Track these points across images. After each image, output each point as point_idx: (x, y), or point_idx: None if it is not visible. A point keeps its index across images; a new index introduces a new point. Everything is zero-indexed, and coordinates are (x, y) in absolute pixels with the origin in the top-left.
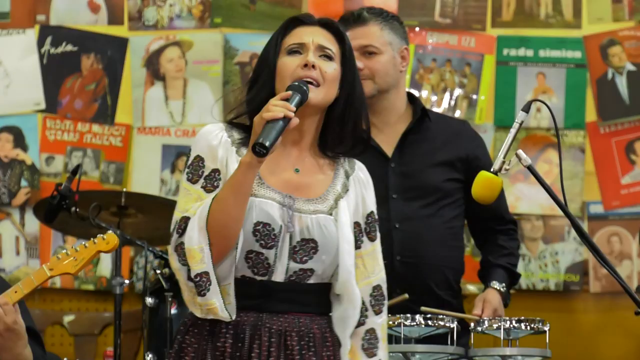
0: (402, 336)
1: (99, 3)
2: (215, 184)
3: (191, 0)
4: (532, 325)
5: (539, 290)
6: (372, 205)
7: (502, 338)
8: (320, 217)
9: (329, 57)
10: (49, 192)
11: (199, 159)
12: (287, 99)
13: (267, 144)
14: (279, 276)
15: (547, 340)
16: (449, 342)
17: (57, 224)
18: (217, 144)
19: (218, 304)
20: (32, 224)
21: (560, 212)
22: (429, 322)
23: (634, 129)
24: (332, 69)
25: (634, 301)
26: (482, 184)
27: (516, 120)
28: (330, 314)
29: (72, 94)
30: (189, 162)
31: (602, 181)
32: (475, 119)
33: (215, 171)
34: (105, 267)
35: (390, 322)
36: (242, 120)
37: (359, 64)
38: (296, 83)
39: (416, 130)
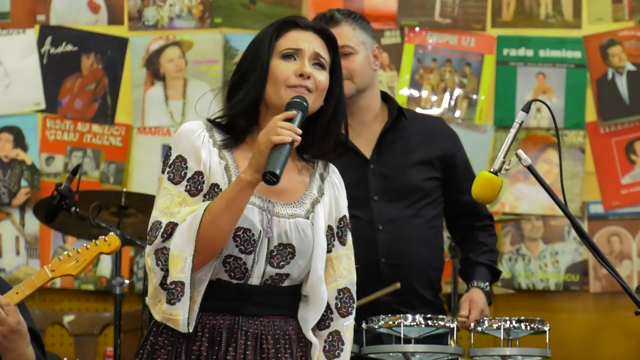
0: (402, 336)
1: (99, 3)
2: (199, 187)
3: (191, 0)
4: (532, 325)
5: (539, 290)
6: (344, 209)
7: (502, 338)
8: (298, 221)
9: (322, 66)
10: (49, 192)
11: (181, 159)
12: (290, 119)
13: (278, 172)
14: (254, 280)
15: (547, 340)
16: (448, 342)
17: (57, 224)
18: (200, 144)
19: (182, 316)
20: (32, 224)
21: (560, 212)
22: (429, 322)
23: (634, 129)
24: (324, 78)
25: (634, 301)
26: (482, 184)
27: (516, 120)
28: None
29: (72, 94)
30: (170, 161)
31: (602, 181)
32: (475, 119)
33: (199, 174)
34: (105, 267)
35: (390, 322)
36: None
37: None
38: (297, 100)
39: (393, 129)
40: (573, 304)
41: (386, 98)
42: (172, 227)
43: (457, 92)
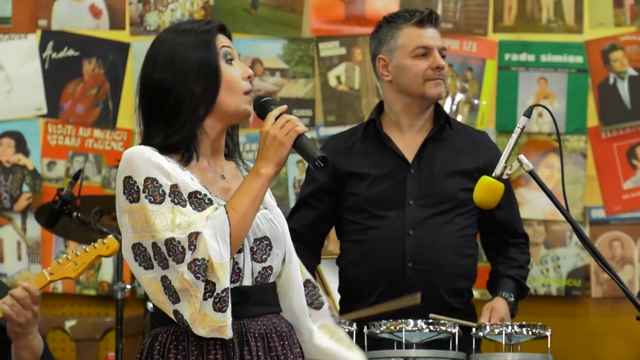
0: (404, 341)
1: (100, 8)
2: (182, 197)
3: (192, 5)
4: (534, 330)
5: (541, 295)
6: (270, 197)
7: (503, 343)
8: (263, 212)
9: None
10: (50, 197)
11: (151, 180)
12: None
13: (325, 155)
14: (247, 280)
15: (549, 345)
16: (450, 347)
17: (58, 228)
18: (159, 160)
19: (229, 321)
20: (34, 228)
21: (562, 217)
22: (431, 327)
23: (636, 133)
24: None
25: (635, 306)
26: (484, 189)
27: (518, 125)
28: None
29: (73, 98)
30: (140, 187)
31: (604, 186)
32: (476, 124)
33: (174, 186)
34: (106, 272)
35: (392, 327)
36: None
37: (443, 62)
38: (268, 98)
39: (437, 137)
40: (575, 309)
41: (436, 105)
42: (196, 236)
43: (459, 97)
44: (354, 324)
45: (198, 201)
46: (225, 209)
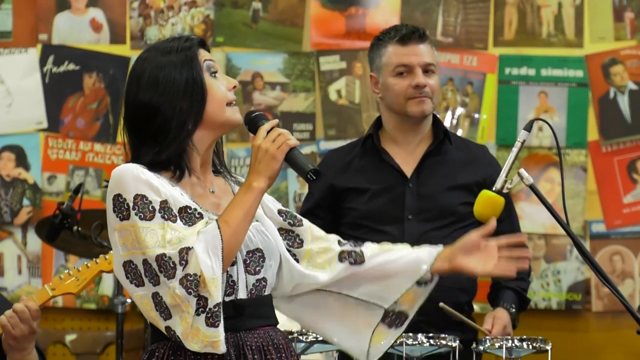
0: (404, 355)
1: (101, 22)
2: (172, 213)
3: (193, 19)
4: (534, 344)
5: (541, 309)
6: (274, 202)
7: (504, 357)
8: (254, 225)
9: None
10: (51, 211)
11: (141, 197)
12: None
13: (318, 167)
14: (242, 293)
15: None
16: None
17: (59, 242)
18: (149, 177)
19: (222, 336)
20: (34, 242)
21: (562, 231)
22: (431, 342)
23: (636, 147)
24: None
25: (636, 320)
26: (484, 203)
27: (518, 139)
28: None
29: (74, 113)
30: (130, 204)
31: (604, 200)
32: (477, 138)
33: (164, 202)
34: (107, 285)
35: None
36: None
37: (423, 80)
38: (258, 113)
39: (436, 152)
40: (575, 323)
41: (434, 120)
42: (186, 252)
43: (459, 111)
44: None
45: (188, 216)
46: (217, 223)
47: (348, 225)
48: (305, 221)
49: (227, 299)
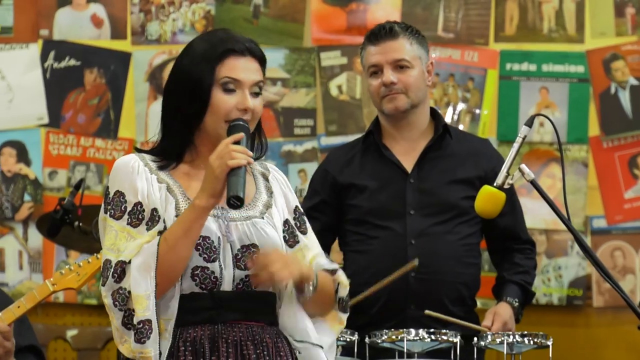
0: (405, 351)
1: (102, 18)
2: (140, 216)
3: (194, 14)
4: (535, 340)
5: (542, 304)
6: (294, 201)
7: (505, 352)
8: (256, 221)
9: (260, 90)
10: (52, 206)
11: (119, 194)
12: (239, 142)
13: (242, 195)
14: (226, 286)
15: (550, 355)
16: (452, 357)
17: (60, 238)
18: (136, 176)
19: (153, 352)
20: (35, 238)
21: (563, 227)
22: (432, 337)
23: (637, 143)
24: (260, 102)
25: (637, 315)
26: (485, 198)
27: (519, 135)
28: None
29: (75, 108)
30: (109, 198)
31: (605, 195)
32: (478, 134)
33: (138, 204)
34: None
35: (393, 337)
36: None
37: (392, 77)
38: (240, 122)
39: (437, 146)
40: (576, 319)
41: (434, 114)
42: (121, 265)
43: (460, 106)
44: (356, 334)
45: (155, 218)
46: (159, 239)
47: (352, 221)
48: (309, 236)
49: (208, 292)
